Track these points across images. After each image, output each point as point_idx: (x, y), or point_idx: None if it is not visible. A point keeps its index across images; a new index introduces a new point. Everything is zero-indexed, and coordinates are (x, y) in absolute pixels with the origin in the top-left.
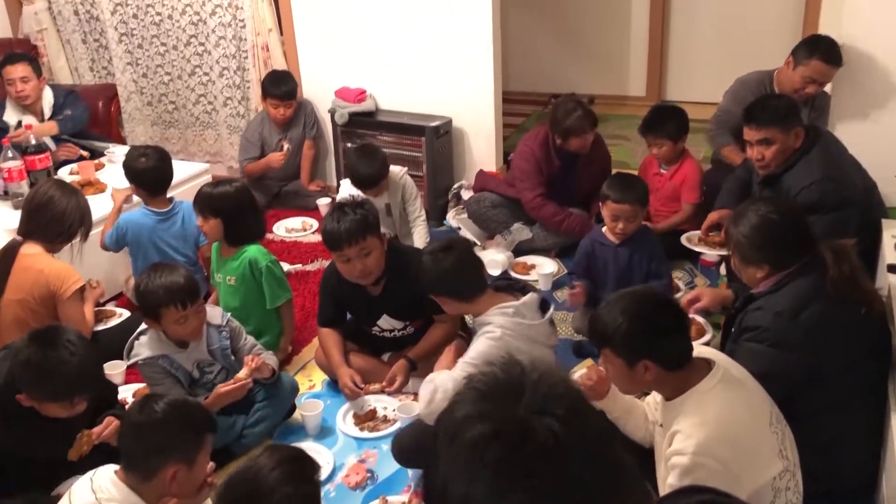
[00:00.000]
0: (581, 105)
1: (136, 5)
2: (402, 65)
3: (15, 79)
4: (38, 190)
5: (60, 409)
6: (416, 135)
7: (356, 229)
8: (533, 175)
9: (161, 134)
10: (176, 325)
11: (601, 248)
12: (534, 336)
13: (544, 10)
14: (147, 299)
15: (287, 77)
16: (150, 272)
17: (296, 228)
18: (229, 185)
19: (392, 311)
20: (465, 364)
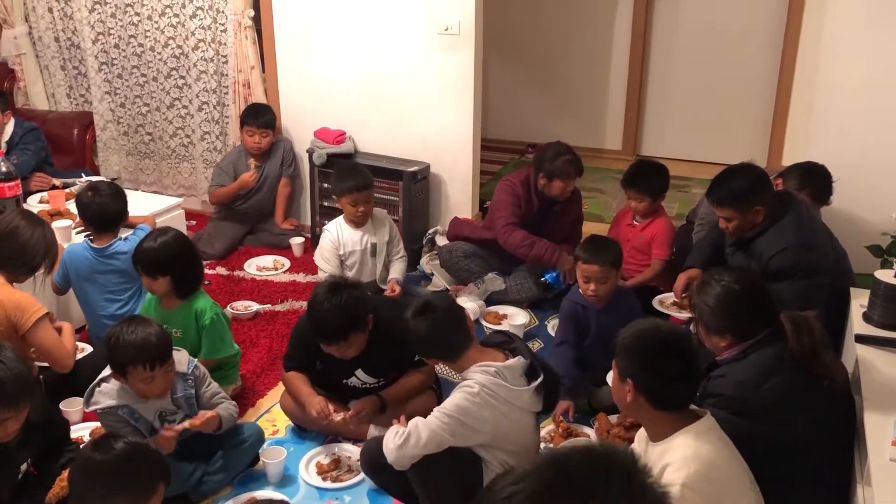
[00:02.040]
0: (571, 151)
1: (118, 35)
2: (382, 108)
3: None
4: (4, 219)
5: None
6: (394, 179)
7: (338, 332)
8: (510, 206)
9: (136, 164)
10: (142, 384)
11: (583, 310)
12: (513, 399)
13: (526, 60)
14: (116, 355)
15: (266, 109)
16: (123, 325)
17: (267, 267)
18: (168, 237)
19: (368, 367)
20: (440, 413)
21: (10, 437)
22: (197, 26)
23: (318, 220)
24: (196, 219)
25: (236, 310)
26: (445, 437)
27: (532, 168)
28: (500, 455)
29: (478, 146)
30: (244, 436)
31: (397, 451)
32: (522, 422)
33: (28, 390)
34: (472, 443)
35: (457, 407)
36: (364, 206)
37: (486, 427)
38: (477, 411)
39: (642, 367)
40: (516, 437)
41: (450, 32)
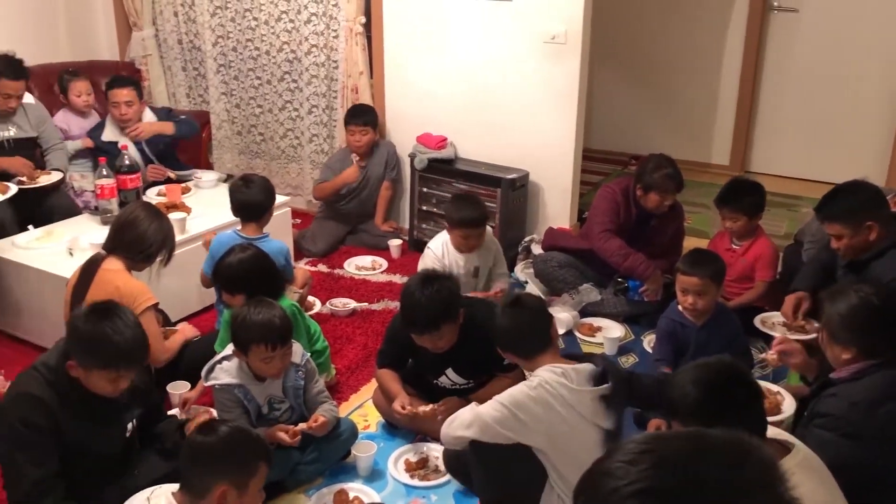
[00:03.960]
0: (673, 165)
1: (236, 39)
2: (484, 115)
3: (120, 102)
4: (126, 209)
5: (105, 381)
6: (492, 185)
7: (429, 321)
8: (609, 213)
9: (247, 163)
10: (261, 363)
11: (681, 328)
12: (574, 402)
13: (632, 70)
14: (240, 332)
15: (368, 108)
16: (249, 306)
17: (365, 267)
18: (246, 255)
19: (459, 366)
20: (495, 402)
21: (117, 395)
22: (310, 32)
23: (416, 223)
24: (301, 217)
25: (334, 306)
26: (493, 425)
27: (632, 178)
28: (561, 467)
29: (579, 156)
30: (339, 430)
31: (445, 427)
32: (583, 432)
33: (144, 353)
34: (525, 440)
35: (512, 398)
36: (476, 240)
37: (540, 427)
38: (532, 406)
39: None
40: (577, 449)
41: (556, 41)
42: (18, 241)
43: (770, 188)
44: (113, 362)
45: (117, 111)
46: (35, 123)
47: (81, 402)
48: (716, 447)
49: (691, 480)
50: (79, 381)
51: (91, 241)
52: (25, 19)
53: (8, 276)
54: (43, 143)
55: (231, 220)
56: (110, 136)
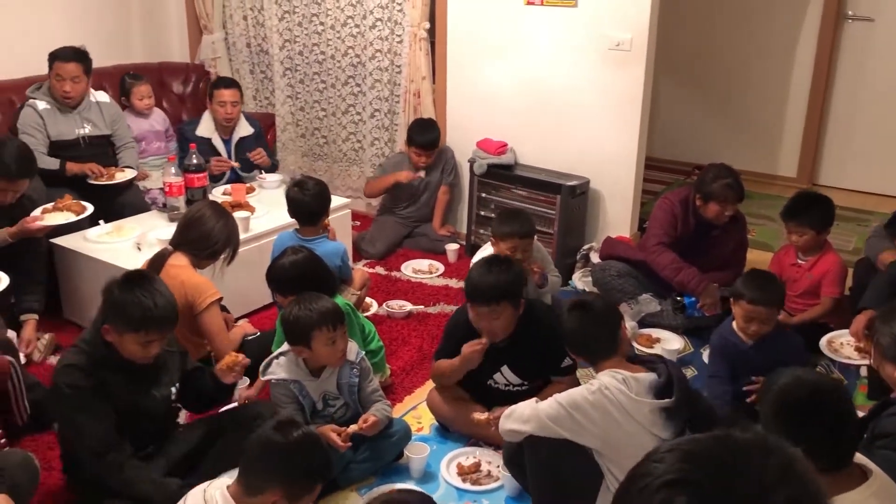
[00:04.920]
0: (734, 175)
1: (302, 43)
2: (546, 121)
3: (226, 102)
4: (193, 207)
5: (136, 346)
6: (552, 192)
7: (492, 292)
8: (665, 225)
9: (310, 165)
10: (325, 348)
11: (733, 347)
12: (632, 411)
13: (697, 79)
14: (299, 323)
15: (432, 127)
16: (297, 302)
17: (422, 270)
18: (298, 257)
19: (515, 364)
20: (553, 399)
21: (149, 360)
22: (375, 37)
23: (474, 228)
24: (361, 220)
25: (391, 308)
26: (548, 422)
27: (692, 188)
28: (617, 471)
29: (641, 165)
30: (392, 430)
31: (503, 420)
32: (640, 440)
33: (174, 319)
34: (581, 441)
35: (570, 398)
36: (522, 253)
37: (596, 430)
38: (589, 409)
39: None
40: (634, 455)
41: (621, 49)
42: (89, 235)
43: (839, 202)
44: (143, 325)
45: (222, 110)
46: (109, 122)
47: (119, 368)
48: (742, 443)
49: (717, 472)
50: (114, 347)
51: (158, 236)
52: (102, 22)
53: (79, 268)
54: (116, 140)
55: (293, 221)
56: (205, 131)
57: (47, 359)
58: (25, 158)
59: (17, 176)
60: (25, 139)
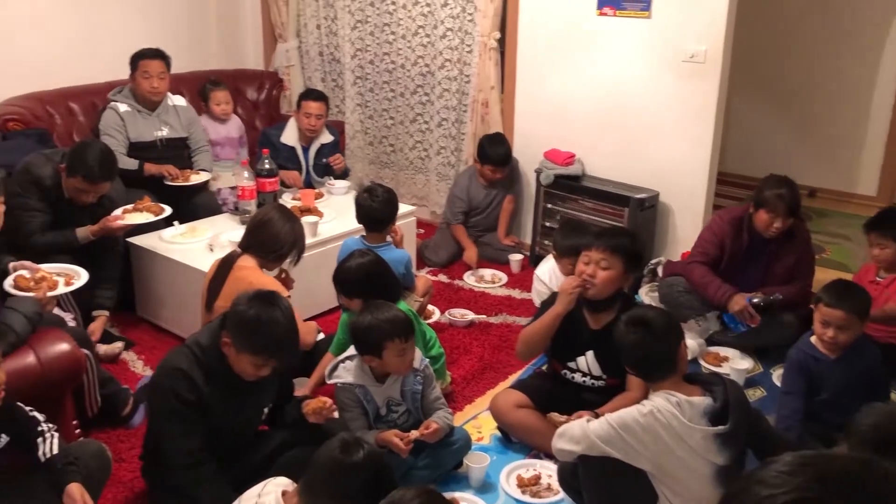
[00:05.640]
0: (790, 187)
1: (374, 52)
2: (615, 133)
3: (312, 114)
4: (261, 210)
5: (250, 366)
6: (620, 204)
7: (615, 241)
8: (706, 243)
9: (376, 173)
10: (396, 358)
11: (815, 362)
12: (684, 435)
13: (774, 93)
14: (372, 333)
15: (504, 142)
16: (369, 310)
17: (485, 279)
18: (364, 260)
19: (601, 353)
20: (605, 419)
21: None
22: (445, 46)
23: (538, 239)
24: (425, 227)
25: (453, 316)
26: (598, 443)
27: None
28: (670, 494)
29: (713, 179)
30: (453, 438)
31: (556, 439)
32: (692, 465)
33: (294, 347)
34: (633, 462)
35: (621, 420)
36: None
37: (646, 452)
38: (640, 432)
39: None
40: (685, 479)
41: (694, 60)
42: (164, 235)
43: None
44: (264, 350)
45: (307, 121)
46: (185, 125)
47: (226, 382)
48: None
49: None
50: (226, 360)
51: (230, 238)
52: (181, 29)
53: (153, 267)
54: (192, 144)
55: (359, 227)
56: (289, 139)
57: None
58: (107, 161)
59: (100, 178)
60: (106, 140)
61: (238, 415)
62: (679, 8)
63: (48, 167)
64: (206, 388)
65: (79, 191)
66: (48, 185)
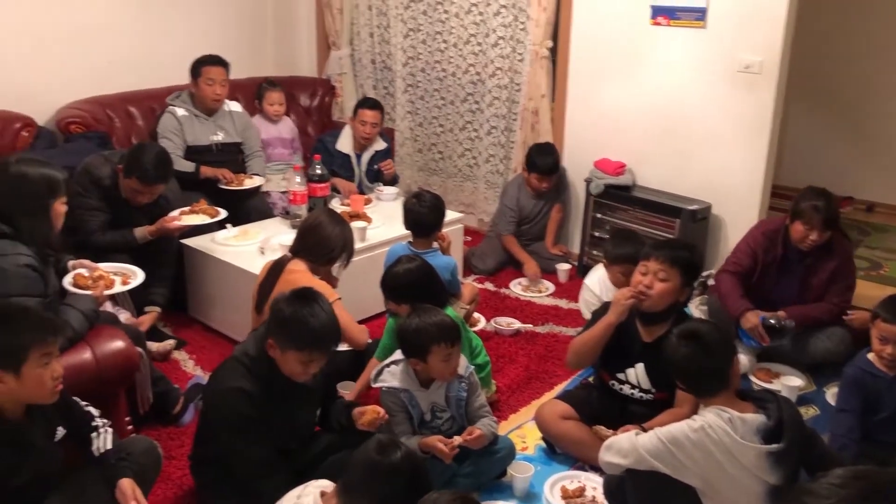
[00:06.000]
0: (827, 199)
1: (425, 60)
2: (666, 143)
3: (367, 122)
4: (312, 214)
5: (298, 364)
6: (671, 216)
7: (674, 253)
8: (739, 253)
9: (424, 180)
10: (441, 363)
11: (872, 379)
12: (736, 453)
13: (830, 104)
14: (419, 336)
15: (552, 151)
16: (417, 314)
17: (532, 288)
18: (412, 265)
19: (651, 365)
20: (653, 433)
21: (307, 379)
22: (497, 55)
23: (587, 249)
24: (472, 235)
25: (499, 325)
26: (647, 457)
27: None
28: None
29: (767, 191)
30: (497, 447)
31: (603, 451)
32: (743, 483)
33: (336, 340)
34: (681, 478)
35: (670, 435)
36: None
37: (696, 468)
38: (690, 448)
39: None
40: (735, 497)
41: (750, 71)
42: (217, 237)
43: None
44: (307, 344)
45: (362, 129)
46: (240, 130)
47: (279, 388)
48: None
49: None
50: (276, 364)
51: (280, 241)
52: (238, 36)
53: (206, 269)
54: (246, 149)
55: (407, 233)
56: (343, 146)
57: (169, 356)
58: (162, 164)
59: (154, 180)
60: (164, 143)
61: (295, 418)
62: (736, 18)
63: (107, 168)
64: (262, 397)
65: (134, 191)
66: (107, 184)
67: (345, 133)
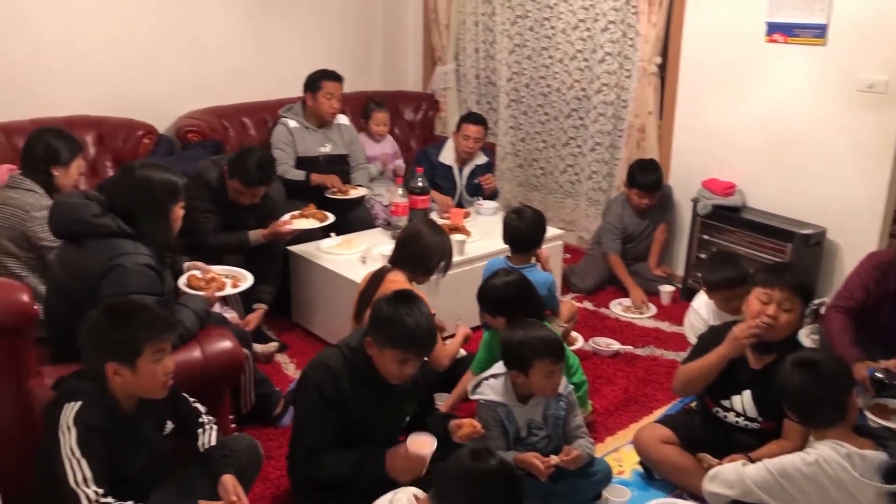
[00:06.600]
0: None
1: (529, 76)
2: (780, 164)
3: (470, 136)
4: (409, 225)
5: (394, 363)
6: (783, 239)
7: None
8: (850, 288)
9: (524, 195)
10: (543, 378)
11: None
12: (854, 491)
13: None
14: (523, 349)
15: (655, 168)
16: (521, 326)
17: (633, 309)
18: (511, 278)
19: (759, 393)
20: (763, 465)
21: (403, 381)
22: (603, 71)
23: (691, 271)
24: (572, 253)
25: (597, 345)
26: (754, 489)
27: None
28: None
29: (888, 218)
30: (593, 468)
31: (706, 482)
32: None
33: (431, 341)
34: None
35: (781, 468)
36: (737, 300)
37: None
38: (802, 482)
39: None
40: None
41: (874, 90)
42: (322, 245)
43: None
44: (402, 343)
45: (466, 143)
46: (347, 142)
47: (370, 385)
48: None
49: None
50: (372, 362)
51: (381, 251)
52: (348, 52)
53: (310, 275)
54: (351, 161)
55: (505, 247)
56: (446, 159)
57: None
58: (264, 167)
59: (257, 182)
60: (276, 154)
61: (378, 418)
62: (859, 35)
63: (215, 171)
64: (349, 386)
65: (238, 192)
66: (215, 186)
67: (448, 145)
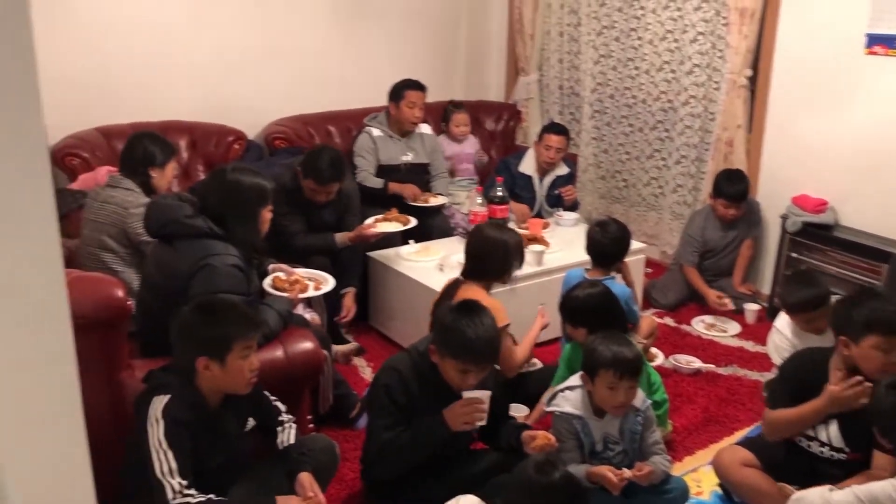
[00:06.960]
0: None
1: (615, 87)
2: (878, 181)
3: (552, 146)
4: (472, 231)
5: (455, 372)
6: (878, 260)
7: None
8: None
9: (606, 207)
10: (605, 389)
11: None
12: None
13: None
14: (592, 355)
15: (742, 178)
16: (605, 338)
17: (716, 327)
18: (594, 290)
19: (847, 423)
20: (851, 492)
21: (467, 388)
22: (691, 83)
23: (778, 290)
24: (654, 267)
25: (678, 362)
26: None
27: None
28: None
29: None
30: (669, 486)
31: None
32: None
33: (493, 353)
34: None
35: (871, 494)
36: (819, 321)
37: None
38: None
39: None
40: None
41: None
42: (401, 252)
43: None
44: (462, 354)
45: (547, 153)
46: (429, 151)
47: (436, 390)
48: None
49: None
50: (437, 368)
51: (458, 259)
52: (432, 62)
53: (388, 281)
54: (432, 169)
55: (584, 259)
56: (527, 168)
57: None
58: (335, 165)
59: (329, 180)
60: (358, 161)
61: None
62: None
63: (289, 173)
64: (417, 390)
65: (313, 191)
66: (290, 187)
67: (528, 155)
